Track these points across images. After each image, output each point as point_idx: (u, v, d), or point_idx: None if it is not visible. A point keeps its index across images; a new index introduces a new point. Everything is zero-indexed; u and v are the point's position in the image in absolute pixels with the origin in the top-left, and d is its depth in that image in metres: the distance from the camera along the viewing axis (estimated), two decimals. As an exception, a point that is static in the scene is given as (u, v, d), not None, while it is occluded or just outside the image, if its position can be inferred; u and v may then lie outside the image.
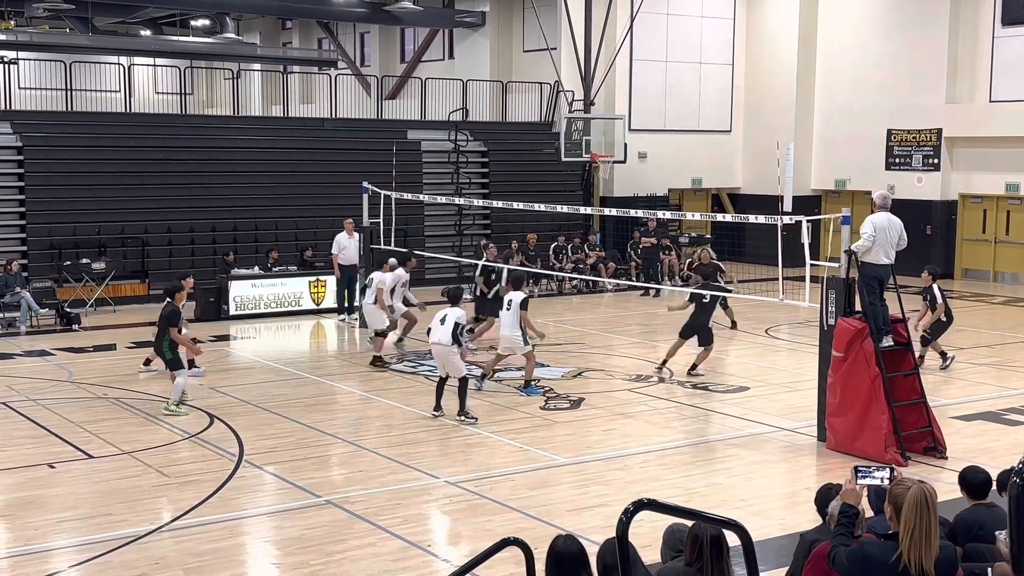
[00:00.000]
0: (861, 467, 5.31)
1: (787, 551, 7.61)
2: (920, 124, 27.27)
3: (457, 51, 32.51)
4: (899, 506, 4.94)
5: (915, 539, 4.78)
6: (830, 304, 11.77)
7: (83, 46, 29.20)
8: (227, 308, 20.78)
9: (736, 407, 13.83)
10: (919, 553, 4.78)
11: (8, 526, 9.47)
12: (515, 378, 15.26)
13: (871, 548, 5.00)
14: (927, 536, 4.78)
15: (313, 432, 12.52)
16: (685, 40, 29.78)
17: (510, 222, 26.54)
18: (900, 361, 11.83)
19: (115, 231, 22.68)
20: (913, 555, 4.79)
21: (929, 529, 4.79)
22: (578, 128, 26.93)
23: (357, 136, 26.24)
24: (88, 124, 23.98)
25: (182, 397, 13.36)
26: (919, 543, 4.77)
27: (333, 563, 8.52)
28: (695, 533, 5.02)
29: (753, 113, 30.70)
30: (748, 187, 30.95)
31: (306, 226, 24.14)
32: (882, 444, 11.24)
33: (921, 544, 4.77)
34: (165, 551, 8.79)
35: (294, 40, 39.97)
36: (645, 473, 11.08)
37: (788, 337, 19.18)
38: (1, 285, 19.48)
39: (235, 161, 24.28)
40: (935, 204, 27.14)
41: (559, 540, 5.10)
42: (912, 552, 4.78)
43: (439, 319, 13.05)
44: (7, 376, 15.55)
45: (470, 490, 10.36)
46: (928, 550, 4.78)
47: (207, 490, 10.26)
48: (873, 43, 28.25)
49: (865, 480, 5.26)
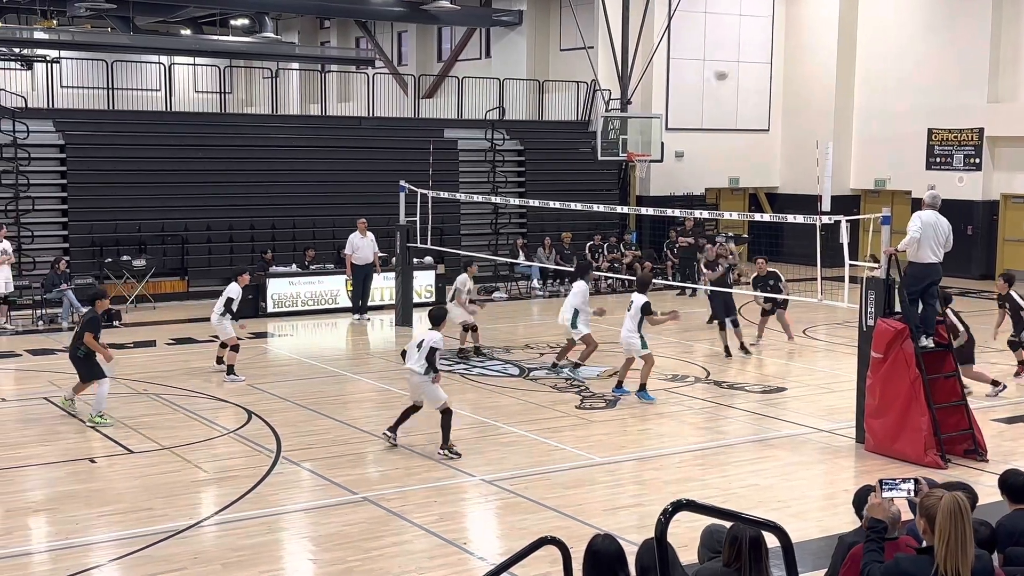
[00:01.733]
0: (887, 480, 5.25)
1: (825, 553, 7.56)
2: (962, 123, 26.97)
3: (494, 50, 32.54)
4: (932, 517, 4.89)
5: (951, 548, 4.73)
6: (869, 305, 11.68)
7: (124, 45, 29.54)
8: (265, 305, 20.94)
9: (774, 408, 13.75)
10: (955, 562, 4.73)
11: (50, 520, 9.60)
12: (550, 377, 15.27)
13: (906, 564, 4.95)
14: (963, 545, 4.73)
15: (350, 429, 12.58)
16: (723, 38, 29.63)
17: (546, 221, 26.54)
18: (940, 363, 11.71)
19: (155, 229, 22.90)
20: (950, 565, 4.74)
21: (965, 538, 4.74)
22: (615, 127, 26.87)
23: (394, 135, 26.33)
24: (129, 123, 24.24)
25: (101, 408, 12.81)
26: (955, 552, 4.72)
27: (369, 559, 8.56)
28: (734, 534, 4.99)
29: (791, 112, 30.49)
30: (786, 187, 30.75)
31: (343, 224, 24.18)
32: (922, 446, 11.14)
33: (957, 553, 4.73)
34: (205, 546, 8.88)
35: (332, 39, 40.19)
36: (681, 473, 11.04)
37: (826, 338, 19.04)
38: (47, 282, 19.77)
39: (273, 160, 24.45)
40: (977, 204, 26.83)
41: (597, 539, 5.10)
42: (948, 562, 4.73)
43: (415, 343, 11.75)
44: (49, 372, 15.75)
45: (505, 488, 10.38)
46: (964, 559, 4.74)
47: (245, 486, 10.35)
48: (914, 41, 27.98)
49: (891, 493, 5.20)
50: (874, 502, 5.25)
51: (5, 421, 13.13)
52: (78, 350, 12.87)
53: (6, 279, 19.26)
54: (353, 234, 20.49)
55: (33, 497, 10.22)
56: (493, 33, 32.47)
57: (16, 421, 13.10)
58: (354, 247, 20.36)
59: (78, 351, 12.88)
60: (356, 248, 20.36)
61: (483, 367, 16.15)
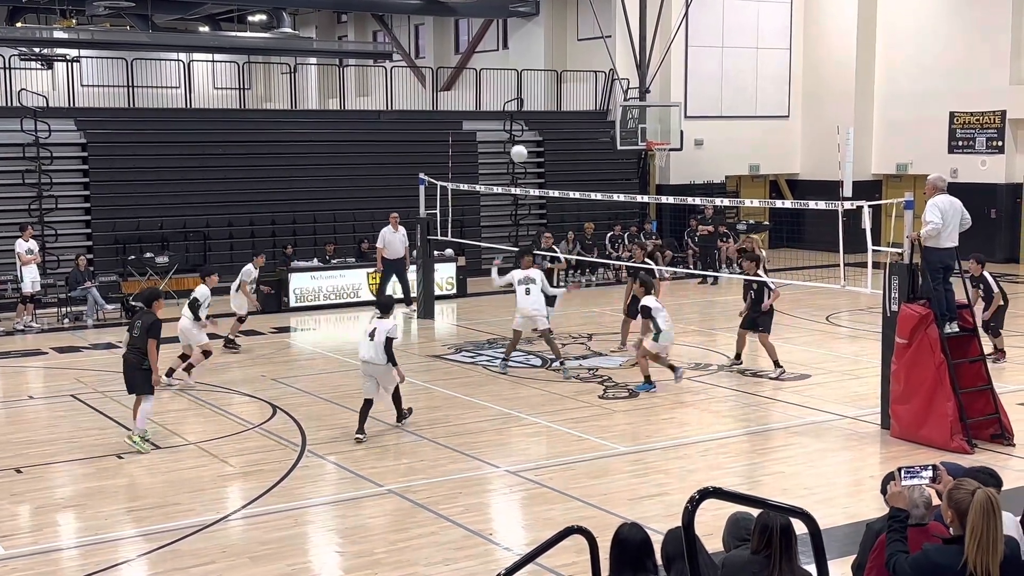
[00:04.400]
0: (906, 468, 5.22)
1: (852, 539, 7.54)
2: (984, 106, 26.75)
3: (511, 41, 32.49)
4: (962, 511, 4.87)
5: (982, 545, 4.72)
6: (893, 290, 11.61)
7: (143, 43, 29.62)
8: (287, 300, 21.05)
9: (797, 395, 13.71)
10: (986, 559, 4.72)
11: (78, 515, 9.68)
12: (572, 367, 15.28)
13: (936, 556, 4.93)
14: (994, 542, 4.73)
15: (374, 422, 12.60)
16: (741, 25, 29.47)
17: (566, 211, 26.50)
18: (966, 347, 11.64)
19: (177, 225, 23.03)
20: (980, 560, 4.73)
21: (996, 534, 4.74)
22: (633, 116, 26.78)
23: (413, 128, 26.35)
24: (149, 120, 24.36)
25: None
26: (986, 548, 4.71)
27: (396, 551, 8.60)
28: (764, 522, 4.98)
29: (811, 98, 30.31)
30: (807, 173, 30.58)
31: (363, 218, 24.31)
32: (948, 432, 11.08)
33: (988, 549, 4.71)
34: (232, 540, 8.93)
35: (349, 33, 40.22)
36: (705, 462, 11.03)
37: (849, 324, 18.95)
38: (71, 280, 19.92)
39: (293, 155, 24.51)
40: (1000, 187, 26.61)
41: (624, 528, 5.10)
42: (979, 558, 4.72)
43: (367, 333, 11.79)
44: (76, 369, 15.88)
45: (530, 479, 10.39)
46: (995, 556, 4.73)
47: (271, 480, 10.41)
48: (934, 24, 27.75)
49: (911, 481, 5.17)
50: (894, 491, 5.22)
51: (33, 419, 13.25)
52: (144, 361, 11.44)
53: (33, 278, 19.43)
54: (385, 228, 20.54)
55: (62, 494, 10.31)
56: (510, 24, 32.42)
57: (44, 419, 13.21)
58: (385, 241, 20.42)
59: (144, 363, 11.45)
60: (387, 243, 20.42)
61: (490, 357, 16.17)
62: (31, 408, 13.89)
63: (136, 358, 11.52)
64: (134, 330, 11.62)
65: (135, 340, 11.55)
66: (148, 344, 11.36)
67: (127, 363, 11.68)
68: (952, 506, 4.98)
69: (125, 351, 11.79)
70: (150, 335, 11.38)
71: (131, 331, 11.69)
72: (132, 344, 11.60)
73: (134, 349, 11.56)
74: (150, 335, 11.38)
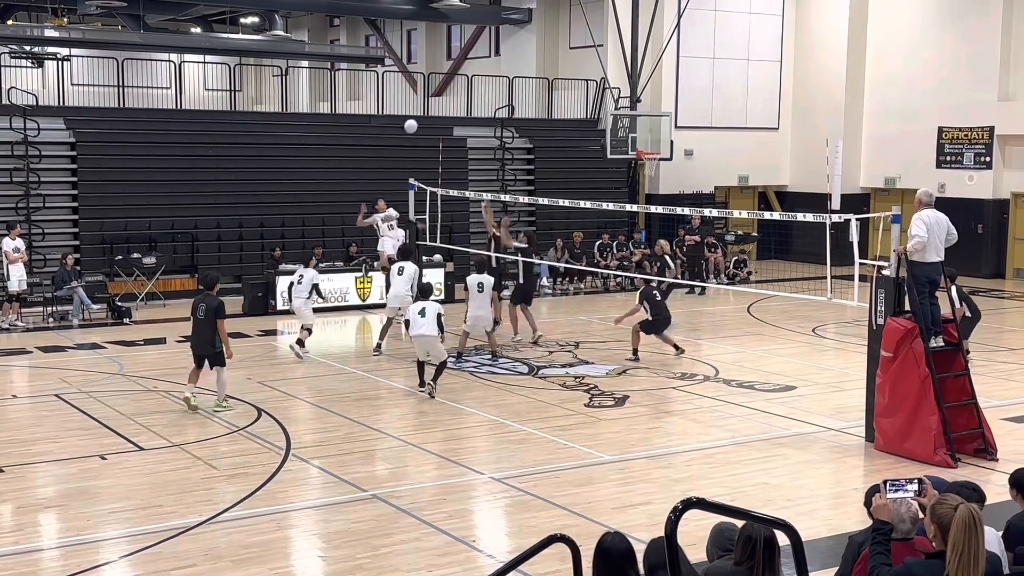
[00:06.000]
0: (892, 481, 5.23)
1: (834, 552, 7.57)
2: (972, 121, 26.89)
3: (503, 48, 32.53)
4: (944, 526, 4.88)
5: (964, 560, 4.72)
6: (879, 303, 11.66)
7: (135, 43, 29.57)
8: (274, 303, 20.99)
9: (782, 406, 13.74)
10: (967, 574, 4.73)
11: (61, 516, 9.64)
12: (558, 375, 15.30)
13: (917, 570, 4.94)
14: (975, 557, 4.73)
15: (359, 427, 12.61)
16: (733, 37, 29.58)
17: (555, 219, 26.53)
18: (950, 362, 11.69)
19: (165, 226, 22.96)
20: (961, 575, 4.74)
21: (978, 550, 4.74)
22: (624, 125, 26.84)
23: (403, 133, 26.30)
24: (139, 120, 24.31)
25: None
26: (967, 564, 4.72)
27: (379, 557, 8.58)
28: (748, 533, 4.99)
29: (801, 110, 30.44)
30: (796, 185, 30.69)
31: (352, 222, 24.26)
32: (932, 445, 11.12)
33: (969, 565, 4.72)
34: (214, 543, 8.90)
35: (342, 37, 40.22)
36: (690, 471, 11.05)
37: (835, 336, 19.01)
38: (57, 279, 19.84)
39: (283, 157, 24.49)
40: (987, 203, 26.75)
41: (607, 537, 5.10)
42: (960, 573, 4.73)
43: (417, 312, 13.94)
44: (60, 369, 15.82)
45: (515, 486, 10.39)
46: (976, 570, 4.74)
47: (255, 483, 10.38)
48: (924, 39, 27.90)
49: (896, 494, 5.18)
50: (879, 503, 5.23)
51: (16, 418, 13.19)
52: (215, 344, 12.74)
53: (19, 277, 19.35)
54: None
55: (44, 494, 10.27)
56: (502, 31, 32.46)
57: (27, 418, 13.15)
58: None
59: (215, 345, 12.75)
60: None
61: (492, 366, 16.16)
62: (14, 407, 13.82)
63: (211, 344, 12.75)
64: (198, 312, 12.84)
65: (200, 323, 12.82)
66: (218, 324, 12.62)
67: (196, 343, 12.98)
68: (935, 521, 4.99)
69: (192, 334, 13.11)
70: (218, 316, 12.66)
71: (195, 314, 12.95)
72: (201, 329, 12.84)
73: (205, 333, 12.77)
74: (218, 316, 12.66)
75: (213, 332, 12.75)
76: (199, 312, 12.89)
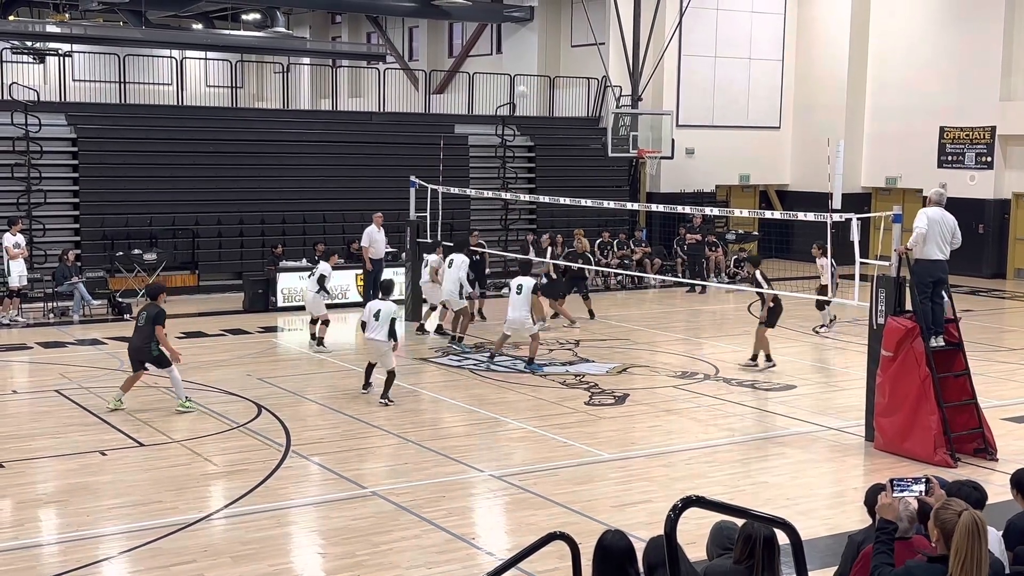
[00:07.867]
0: (898, 480, 5.22)
1: (833, 551, 7.57)
2: (973, 121, 26.88)
3: (505, 46, 32.53)
4: (948, 531, 4.87)
5: (966, 566, 4.71)
6: (880, 303, 11.65)
7: (136, 40, 29.54)
8: (275, 300, 21.00)
9: (783, 405, 13.74)
10: None
11: (61, 512, 9.64)
12: (558, 373, 15.30)
13: (919, 573, 4.94)
14: (979, 564, 4.72)
15: (359, 424, 12.61)
16: (735, 35, 29.57)
17: (556, 217, 26.52)
18: (951, 361, 11.69)
19: (166, 222, 22.97)
20: None
21: (981, 555, 4.73)
22: (625, 123, 26.84)
23: (405, 130, 26.34)
24: (141, 117, 24.30)
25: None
26: (970, 570, 4.71)
27: (379, 554, 8.58)
28: (747, 532, 4.98)
29: (803, 109, 30.42)
30: (797, 184, 30.68)
31: (353, 219, 24.28)
32: (931, 445, 11.12)
33: (972, 571, 4.71)
34: (214, 539, 8.91)
35: (343, 34, 40.20)
36: (690, 470, 11.04)
37: (836, 336, 18.99)
38: (58, 275, 19.84)
39: (284, 154, 24.49)
40: (988, 203, 26.74)
41: (607, 535, 5.10)
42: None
43: (372, 313, 13.48)
44: (60, 364, 15.82)
45: (514, 484, 10.39)
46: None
47: (254, 479, 10.38)
48: (926, 39, 27.88)
49: (902, 494, 5.17)
50: (884, 502, 5.22)
51: (16, 414, 13.20)
52: (152, 350, 12.86)
53: (20, 272, 19.35)
54: (370, 227, 20.54)
55: (44, 489, 10.27)
56: (504, 29, 32.45)
57: (27, 414, 13.16)
58: (372, 240, 20.41)
59: (152, 351, 12.86)
60: (373, 241, 20.41)
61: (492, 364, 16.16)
62: (14, 402, 13.82)
63: (147, 350, 12.92)
64: (140, 319, 13.08)
65: (139, 329, 13.03)
66: (157, 331, 12.83)
67: (133, 347, 13.10)
68: (938, 525, 4.98)
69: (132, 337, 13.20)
70: (156, 323, 12.87)
71: (137, 320, 13.21)
72: (138, 336, 13.00)
73: (143, 340, 12.93)
74: (156, 323, 12.87)
75: (150, 338, 12.83)
76: (140, 319, 13.09)
